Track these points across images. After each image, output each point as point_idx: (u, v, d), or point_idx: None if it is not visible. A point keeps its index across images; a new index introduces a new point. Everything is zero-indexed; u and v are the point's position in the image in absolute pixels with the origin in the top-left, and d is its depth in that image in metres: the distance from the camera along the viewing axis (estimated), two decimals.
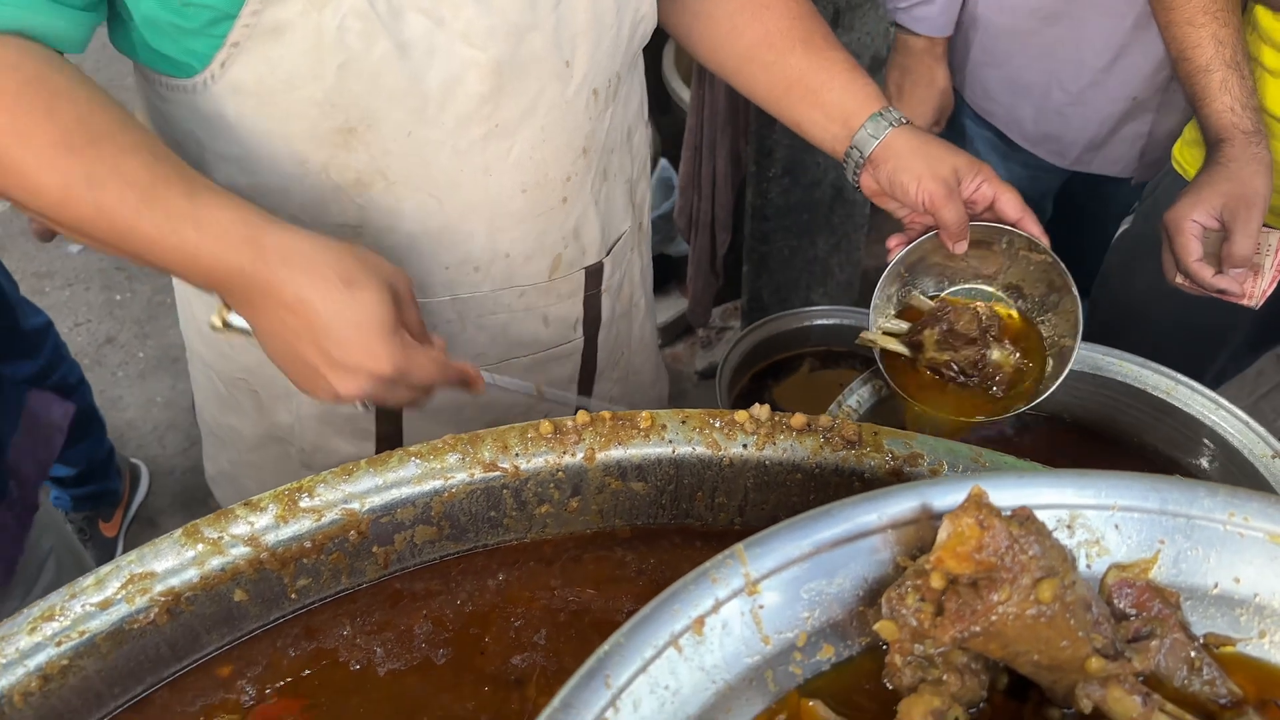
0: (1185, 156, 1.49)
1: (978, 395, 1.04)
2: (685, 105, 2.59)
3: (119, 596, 0.68)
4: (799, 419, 0.77)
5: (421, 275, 1.00)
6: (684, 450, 0.78)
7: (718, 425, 0.78)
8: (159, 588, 0.69)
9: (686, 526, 0.83)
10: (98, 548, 2.31)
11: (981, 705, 0.56)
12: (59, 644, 0.67)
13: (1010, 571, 0.51)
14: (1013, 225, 1.03)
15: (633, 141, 1.13)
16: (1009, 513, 0.53)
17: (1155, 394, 1.16)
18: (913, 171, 1.01)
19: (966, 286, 1.10)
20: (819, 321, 1.68)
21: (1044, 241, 1.02)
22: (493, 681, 0.75)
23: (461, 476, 0.77)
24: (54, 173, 0.75)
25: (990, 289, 1.09)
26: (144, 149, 0.78)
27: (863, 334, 1.07)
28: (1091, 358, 1.18)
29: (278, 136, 0.90)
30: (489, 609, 0.79)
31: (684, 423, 0.78)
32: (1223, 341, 1.62)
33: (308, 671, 0.75)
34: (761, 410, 0.77)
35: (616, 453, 0.78)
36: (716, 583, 0.54)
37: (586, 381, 1.21)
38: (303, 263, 0.78)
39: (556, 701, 0.49)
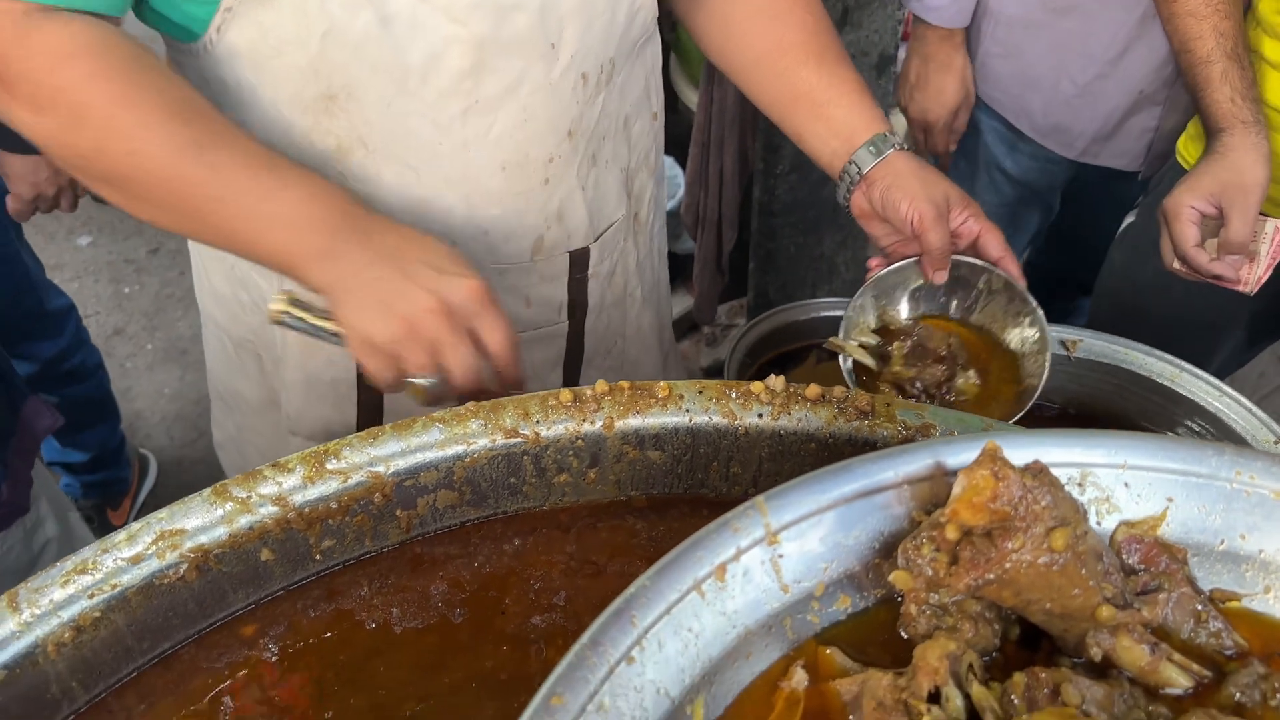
0: (1189, 151, 1.51)
1: None
2: (690, 106, 2.62)
3: (150, 552, 0.70)
4: (814, 390, 0.78)
5: None
6: (700, 420, 0.80)
7: (734, 396, 0.80)
8: (189, 544, 0.71)
9: (700, 497, 0.85)
10: (105, 534, 2.33)
11: (994, 655, 0.57)
12: (91, 596, 0.68)
13: (1024, 521, 0.53)
14: (993, 264, 1.04)
15: (631, 131, 1.13)
16: (1022, 467, 0.54)
17: (1160, 381, 1.17)
18: (906, 190, 1.02)
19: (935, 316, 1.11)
20: (826, 314, 1.69)
21: (1021, 284, 1.03)
22: (512, 641, 0.76)
23: (483, 442, 0.78)
24: (169, 137, 0.80)
25: (961, 324, 1.09)
26: (245, 133, 0.85)
27: (831, 339, 1.08)
28: (1097, 345, 1.20)
29: (267, 102, 0.93)
30: (507, 573, 0.81)
31: (701, 393, 0.80)
32: (1222, 336, 1.64)
33: (330, 633, 0.77)
34: (777, 381, 0.79)
35: (635, 421, 0.80)
36: (738, 532, 0.56)
37: (573, 366, 1.21)
38: (403, 226, 0.87)
39: (585, 638, 0.51)
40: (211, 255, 1.11)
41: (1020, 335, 1.07)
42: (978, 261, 1.05)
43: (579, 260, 1.11)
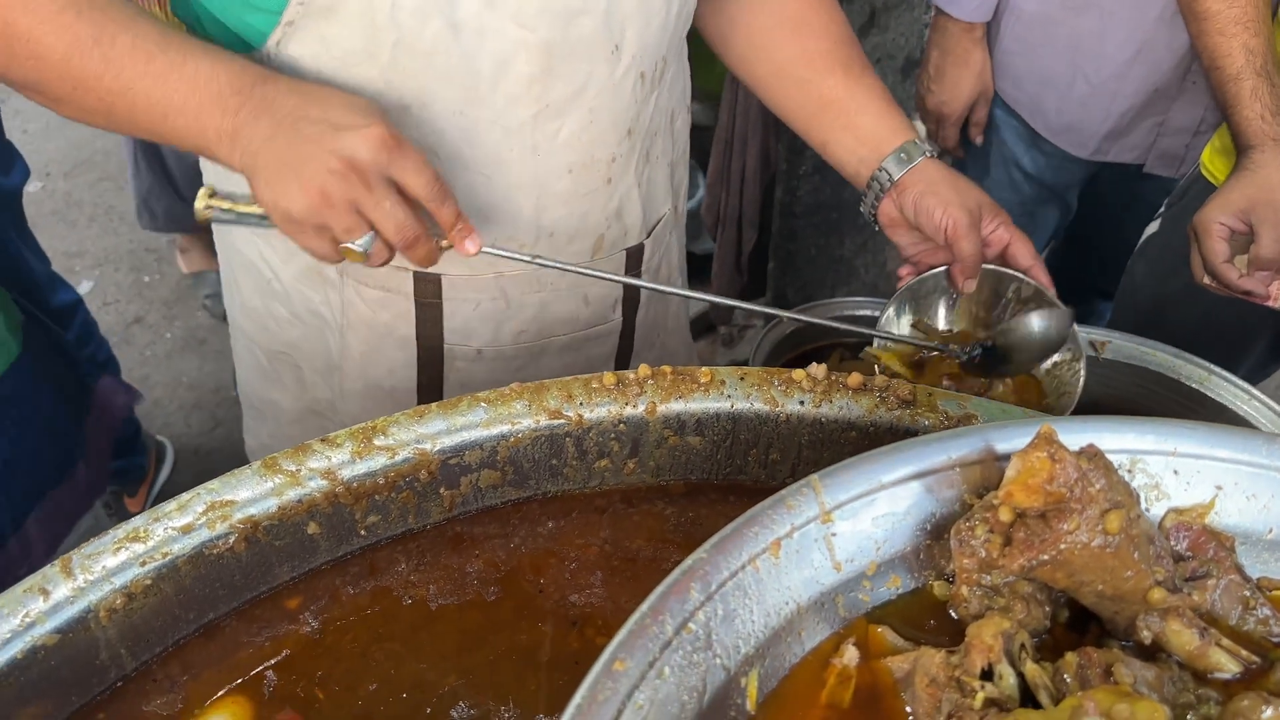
0: (1215, 165, 1.51)
1: None
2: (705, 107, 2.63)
3: (200, 522, 0.71)
4: (855, 378, 0.79)
5: None
6: (742, 405, 0.80)
7: (776, 383, 0.80)
8: (238, 515, 0.72)
9: (738, 484, 0.86)
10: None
11: (1044, 637, 0.58)
12: (143, 564, 0.69)
13: (1079, 502, 0.53)
14: (1023, 272, 1.04)
15: (674, 125, 1.15)
16: (1077, 451, 0.55)
17: (1189, 384, 1.18)
18: (940, 197, 1.02)
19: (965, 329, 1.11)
20: (850, 313, 1.70)
21: (1051, 292, 1.03)
22: (550, 620, 0.77)
23: (528, 423, 0.79)
24: (62, 33, 0.79)
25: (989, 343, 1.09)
26: (145, 14, 0.82)
27: (867, 349, 1.08)
28: (1125, 346, 1.20)
29: None
30: (544, 554, 0.82)
31: (742, 379, 0.81)
32: (1246, 348, 1.64)
33: (372, 608, 0.78)
34: (819, 369, 0.80)
35: (677, 406, 0.80)
36: (792, 509, 0.57)
37: (623, 361, 1.23)
38: (304, 84, 0.84)
39: (645, 607, 0.52)
40: (243, 269, 1.11)
41: (1045, 353, 1.06)
42: (1008, 270, 1.05)
43: (634, 257, 1.12)
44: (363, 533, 0.78)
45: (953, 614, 0.58)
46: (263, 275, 1.09)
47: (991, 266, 1.05)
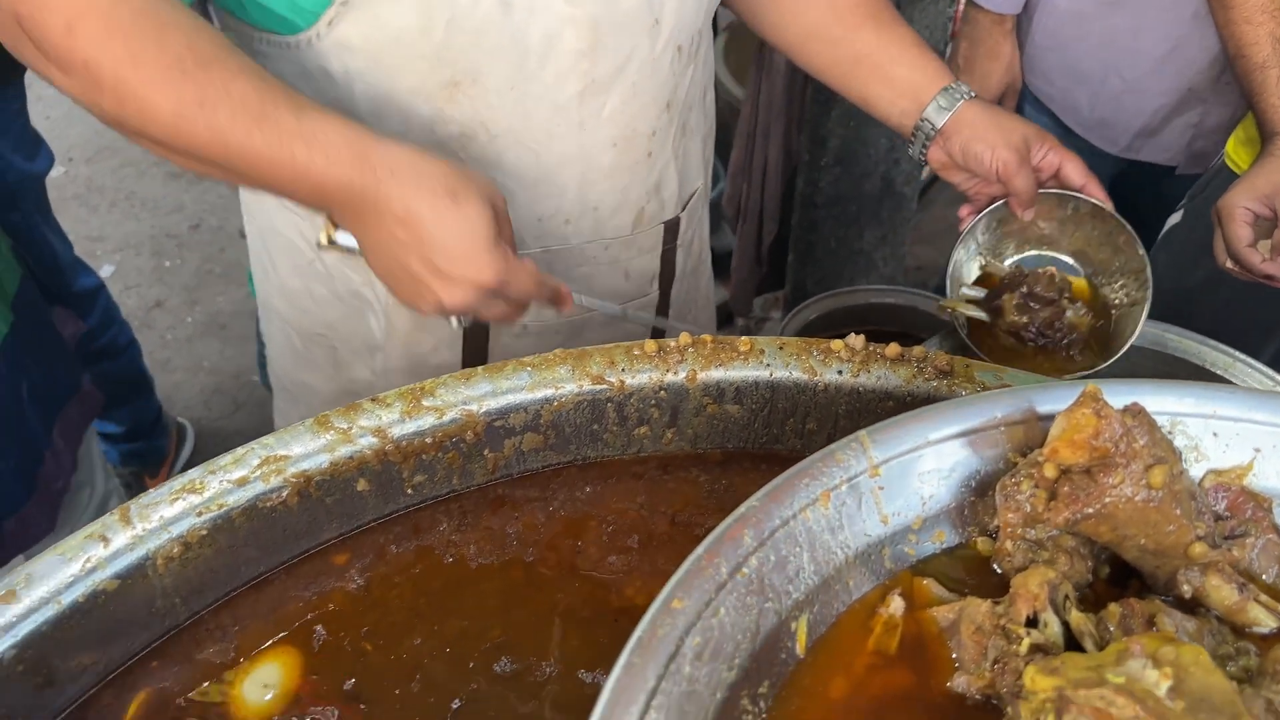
0: (1239, 155, 1.52)
1: (1055, 356, 1.07)
2: (732, 98, 2.65)
3: (255, 476, 0.73)
4: (893, 349, 0.80)
5: (516, 227, 1.02)
6: (781, 374, 0.82)
7: (814, 353, 0.82)
8: (292, 470, 0.73)
9: (774, 453, 0.87)
10: None
11: (1085, 591, 0.59)
12: (199, 514, 0.71)
13: (1124, 457, 0.55)
14: (1077, 190, 1.07)
15: (706, 100, 1.17)
16: (1121, 409, 0.57)
17: (1213, 370, 1.19)
18: (987, 141, 1.04)
19: (1035, 254, 1.14)
20: (874, 300, 1.71)
21: (1108, 205, 1.07)
22: (589, 580, 0.79)
23: (570, 387, 0.81)
24: (168, 95, 0.77)
25: (1058, 255, 1.13)
26: (251, 72, 0.81)
27: (942, 301, 1.10)
28: (1152, 333, 1.22)
29: (383, 92, 0.93)
30: (584, 517, 0.83)
31: (781, 349, 0.82)
32: (1268, 336, 1.65)
33: (417, 565, 0.79)
34: (857, 340, 0.81)
35: (716, 374, 0.82)
36: (842, 463, 0.58)
37: (658, 335, 1.25)
38: (410, 175, 0.81)
39: (700, 550, 0.53)
40: (282, 250, 1.12)
41: (1112, 256, 1.10)
42: (1064, 191, 1.08)
43: (671, 230, 1.14)
44: (409, 492, 0.80)
45: (996, 569, 0.60)
46: (304, 256, 1.10)
47: (1048, 190, 1.08)
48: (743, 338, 0.83)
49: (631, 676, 0.49)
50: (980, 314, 1.09)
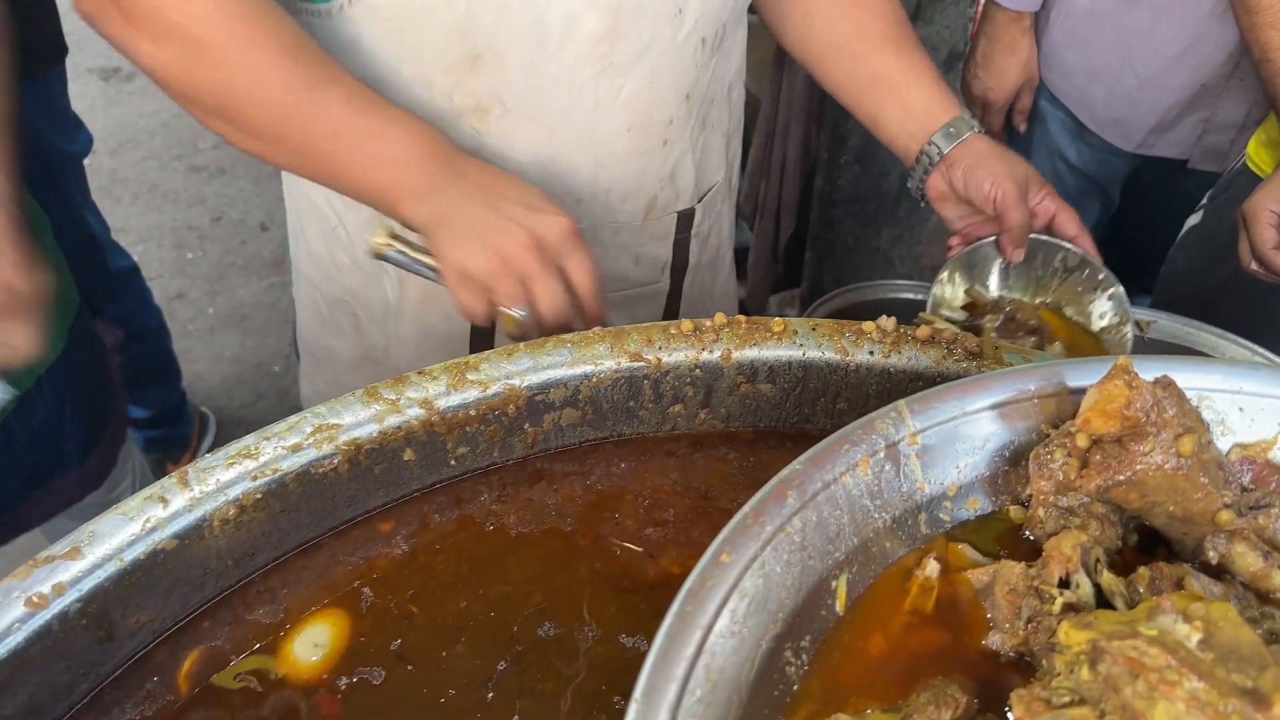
0: (1261, 157, 1.54)
1: None
2: (750, 95, 2.67)
3: (308, 443, 0.75)
4: (924, 331, 0.83)
5: None
6: (814, 354, 0.84)
7: (846, 334, 0.84)
8: (343, 438, 0.76)
9: (804, 432, 0.90)
10: None
11: (1114, 557, 0.61)
12: (254, 479, 0.73)
13: (1154, 426, 0.57)
14: (1069, 241, 1.08)
15: (731, 97, 1.18)
16: (1151, 381, 0.59)
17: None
18: (990, 170, 1.06)
19: (1016, 296, 1.14)
20: (891, 295, 1.73)
21: (1098, 259, 1.07)
22: (628, 551, 0.81)
23: (609, 364, 0.83)
24: (279, 72, 0.85)
25: (1039, 300, 1.13)
26: (350, 75, 0.89)
27: (921, 314, 1.11)
28: (1170, 326, 1.24)
29: (407, 61, 0.97)
30: (620, 491, 0.86)
31: (814, 329, 0.85)
32: None
33: (460, 534, 0.82)
34: (888, 321, 0.84)
35: (750, 353, 0.84)
36: (881, 431, 0.60)
37: (669, 317, 1.26)
38: (494, 167, 0.92)
39: (747, 509, 0.56)
40: (310, 215, 1.16)
41: (1099, 309, 1.11)
42: (1055, 239, 1.08)
43: (685, 220, 1.16)
44: (452, 463, 0.82)
45: (1028, 535, 0.62)
46: (329, 222, 1.14)
47: (1039, 236, 1.08)
48: (776, 318, 0.85)
49: (684, 623, 0.51)
50: (955, 329, 1.09)
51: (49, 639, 0.66)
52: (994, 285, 1.14)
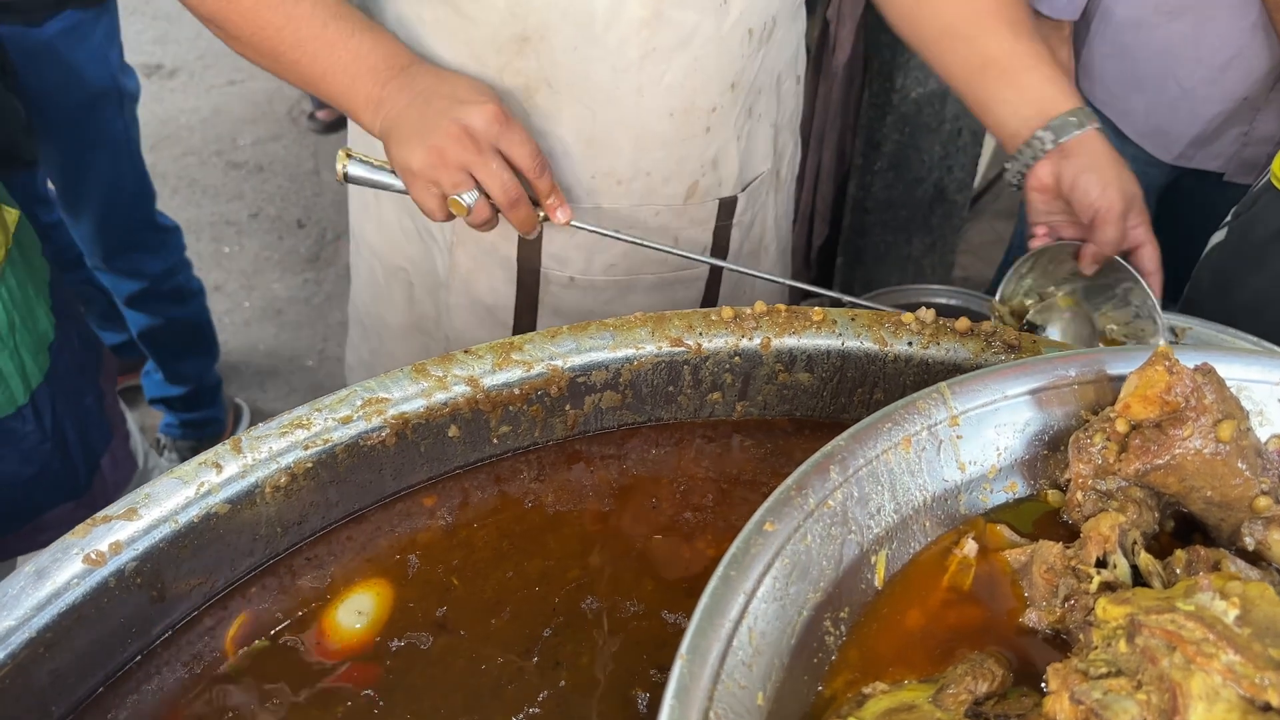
0: None
1: None
2: None
3: (358, 415, 0.77)
4: (963, 323, 0.84)
5: (570, 180, 1.09)
6: (852, 344, 0.85)
7: (885, 324, 0.85)
8: (392, 411, 0.78)
9: (841, 422, 0.90)
10: None
11: (1151, 542, 0.62)
12: (306, 448, 0.76)
13: (1194, 411, 0.58)
14: (1143, 276, 1.02)
15: (781, 89, 1.19)
16: (1192, 368, 0.60)
17: None
18: (1104, 175, 1.00)
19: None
20: (923, 300, 1.74)
21: (1158, 305, 1.02)
22: (664, 532, 0.83)
23: (650, 348, 0.85)
24: None
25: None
26: None
27: (993, 301, 1.09)
28: (1205, 333, 1.23)
29: (461, 40, 1.01)
30: (657, 475, 0.87)
31: (853, 319, 0.86)
32: None
33: (501, 511, 0.83)
34: (927, 313, 0.85)
35: (790, 341, 0.86)
36: (923, 411, 0.62)
37: (708, 304, 1.27)
38: (441, 69, 0.99)
39: (790, 481, 0.57)
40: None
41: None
42: (1129, 269, 1.03)
43: (726, 207, 1.17)
44: (495, 441, 0.84)
45: (1065, 519, 0.63)
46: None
47: (1120, 260, 1.03)
48: (815, 308, 0.86)
49: (728, 587, 0.52)
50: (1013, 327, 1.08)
51: (105, 596, 0.69)
52: (1054, 289, 1.10)
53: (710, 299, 1.25)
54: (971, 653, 0.56)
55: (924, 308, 0.85)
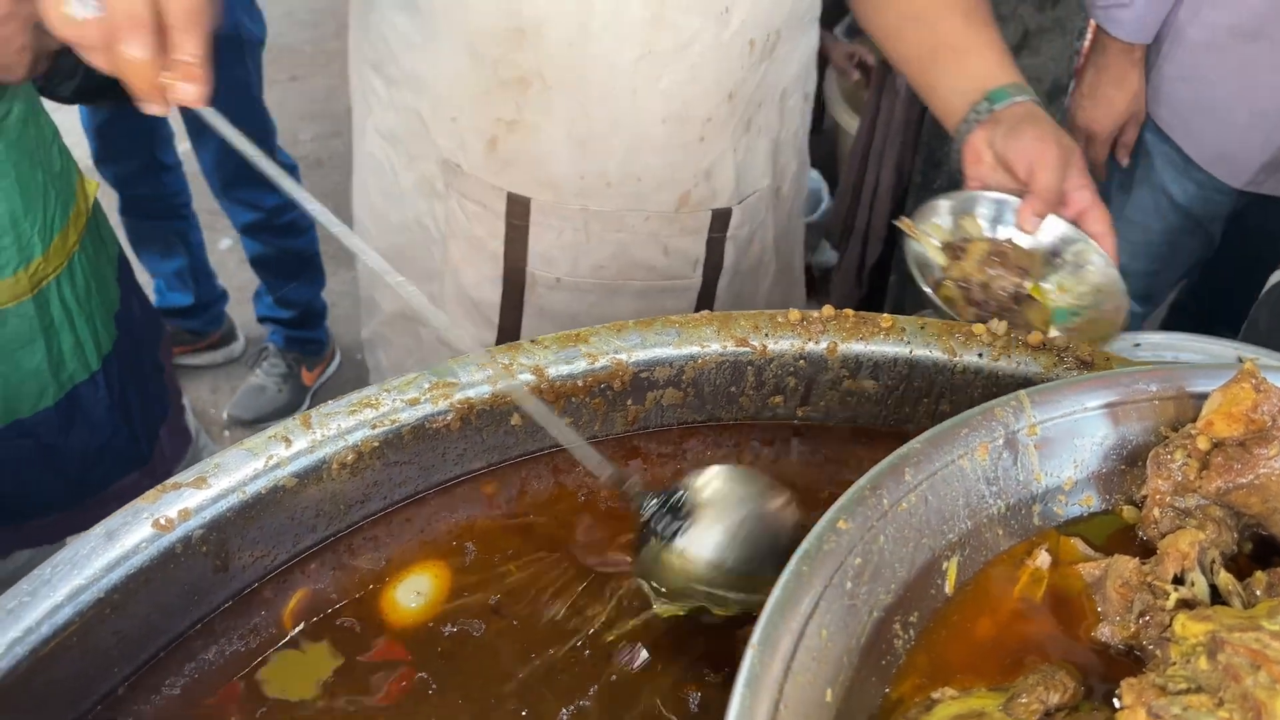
0: None
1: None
2: (842, 127, 2.68)
3: (425, 397, 0.78)
4: (1035, 336, 0.83)
5: (559, 178, 1.08)
6: (921, 352, 0.84)
7: (955, 335, 0.85)
8: (458, 396, 0.78)
9: (903, 432, 0.89)
10: (294, 390, 2.66)
11: (1229, 564, 0.61)
12: (373, 427, 0.76)
13: None
14: (1094, 237, 1.02)
15: (785, 104, 1.17)
16: None
17: None
18: (1039, 130, 1.01)
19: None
20: None
21: (1115, 262, 1.02)
22: None
23: (715, 347, 0.85)
24: None
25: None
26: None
27: (903, 218, 1.06)
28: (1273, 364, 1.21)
29: (459, 32, 1.01)
30: None
31: (923, 328, 0.85)
32: None
33: (558, 505, 0.84)
34: (999, 325, 0.84)
35: (857, 347, 0.85)
36: (1000, 419, 0.61)
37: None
38: None
39: (864, 481, 0.57)
40: (372, 170, 1.20)
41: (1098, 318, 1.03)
42: (1075, 231, 1.03)
43: (720, 219, 1.15)
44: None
45: (1141, 535, 0.62)
46: (387, 177, 1.19)
47: (1062, 221, 1.03)
48: (884, 314, 0.86)
49: (799, 583, 0.52)
50: (936, 249, 1.04)
51: (171, 562, 0.70)
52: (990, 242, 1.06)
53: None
54: (1042, 664, 0.55)
55: (996, 319, 0.84)
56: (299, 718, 0.70)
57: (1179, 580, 0.56)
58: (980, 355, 0.83)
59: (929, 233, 1.06)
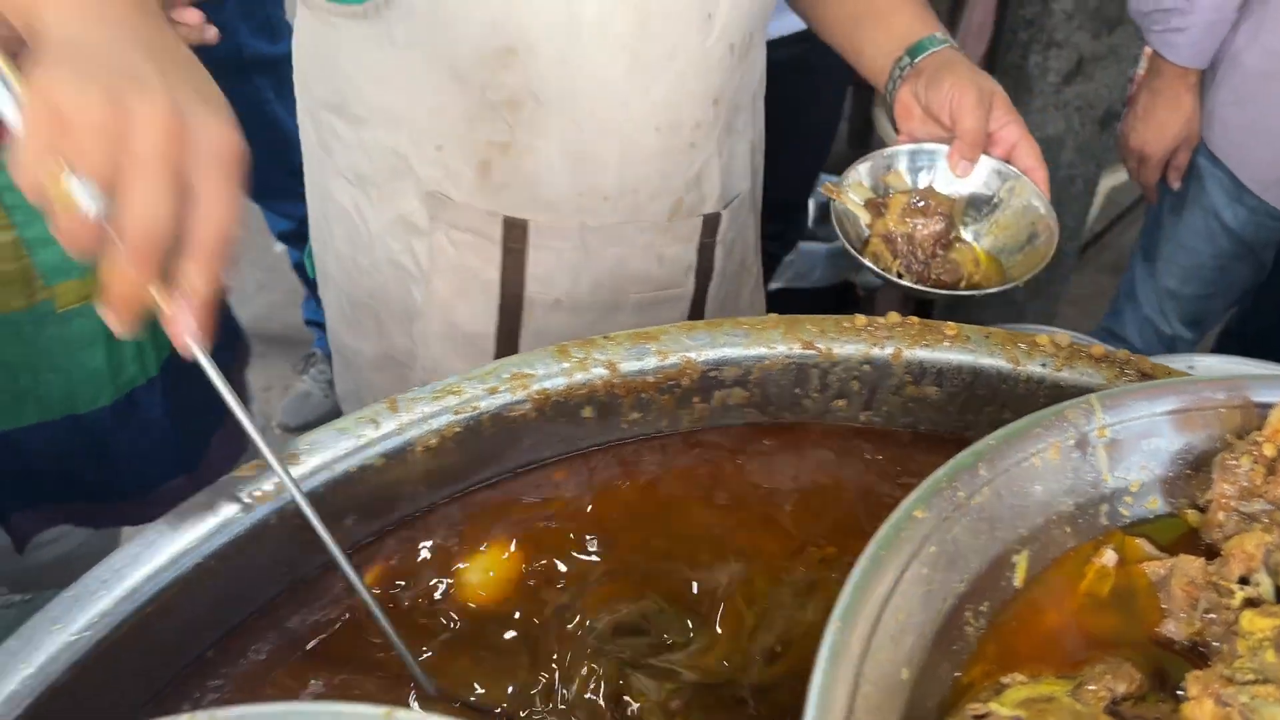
0: None
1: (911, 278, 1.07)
2: (886, 142, 2.70)
3: (504, 387, 0.81)
4: (1099, 349, 0.85)
5: (557, 196, 1.09)
6: (985, 360, 0.86)
7: (1020, 344, 0.87)
8: (535, 386, 0.82)
9: (963, 439, 0.90)
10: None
11: None
12: (456, 413, 0.79)
13: None
14: (1024, 172, 1.05)
15: (756, 106, 1.19)
16: None
17: None
18: (956, 76, 1.04)
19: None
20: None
21: (1046, 196, 1.05)
22: (786, 532, 0.85)
23: (782, 349, 0.87)
24: None
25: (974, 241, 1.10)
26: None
27: (827, 183, 1.08)
28: None
29: (443, 57, 1.00)
30: (778, 475, 0.89)
31: (987, 337, 0.87)
32: None
33: (627, 496, 0.86)
34: (1062, 336, 0.86)
35: (921, 353, 0.87)
36: (1072, 420, 0.63)
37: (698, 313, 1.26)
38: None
39: (940, 473, 0.59)
40: (336, 216, 1.18)
41: (1027, 244, 1.07)
42: (1007, 166, 1.05)
43: (710, 224, 1.17)
44: (624, 426, 0.87)
45: (1205, 539, 0.64)
46: (353, 223, 1.16)
47: (992, 158, 1.06)
48: (949, 322, 0.88)
49: (877, 566, 0.54)
50: (859, 207, 1.06)
51: (265, 532, 0.73)
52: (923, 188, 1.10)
53: (695, 320, 1.24)
54: (1108, 657, 0.57)
55: (1061, 331, 0.86)
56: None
57: (1244, 580, 0.58)
58: (1044, 365, 0.85)
59: (850, 192, 1.09)
